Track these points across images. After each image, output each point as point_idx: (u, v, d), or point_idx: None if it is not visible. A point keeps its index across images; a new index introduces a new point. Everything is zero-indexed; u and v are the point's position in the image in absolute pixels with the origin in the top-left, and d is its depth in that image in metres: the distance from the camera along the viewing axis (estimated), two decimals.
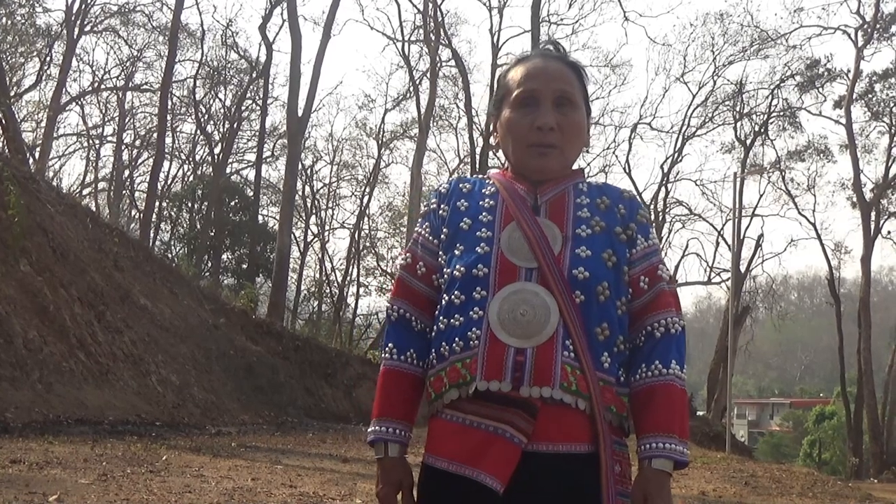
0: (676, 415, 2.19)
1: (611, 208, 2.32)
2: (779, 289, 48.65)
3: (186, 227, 39.81)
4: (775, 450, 61.29)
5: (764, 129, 42.03)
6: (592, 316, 2.19)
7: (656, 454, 2.14)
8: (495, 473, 2.11)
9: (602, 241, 2.26)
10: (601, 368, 2.18)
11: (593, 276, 2.20)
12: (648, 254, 2.30)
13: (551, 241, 2.24)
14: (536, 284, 2.20)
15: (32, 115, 43.21)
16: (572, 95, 2.35)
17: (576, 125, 2.34)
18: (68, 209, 19.98)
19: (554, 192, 2.34)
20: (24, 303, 14.80)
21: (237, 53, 43.23)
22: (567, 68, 2.41)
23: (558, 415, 2.14)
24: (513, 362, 2.15)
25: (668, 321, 2.26)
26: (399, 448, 2.33)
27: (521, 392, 2.14)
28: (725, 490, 12.74)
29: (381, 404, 2.37)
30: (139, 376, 17.00)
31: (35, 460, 9.00)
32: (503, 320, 2.18)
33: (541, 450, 2.13)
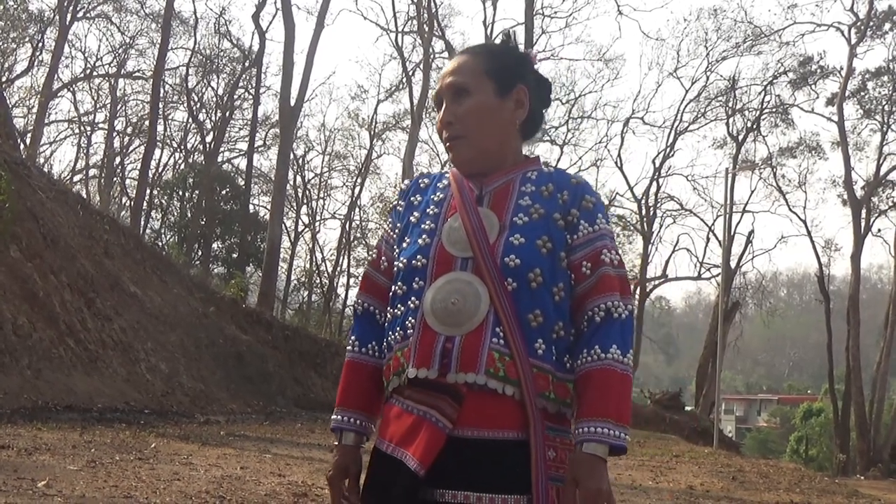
0: (612, 399, 2.16)
1: (553, 195, 2.31)
2: (768, 285, 48.76)
3: (177, 216, 39.73)
4: (762, 445, 61.37)
5: (756, 125, 42.07)
6: (525, 303, 2.20)
7: (587, 438, 2.12)
8: (418, 456, 2.15)
9: (538, 228, 2.25)
10: (535, 355, 2.19)
11: (524, 264, 2.20)
12: (592, 239, 2.27)
13: (489, 230, 2.26)
14: (470, 274, 2.23)
15: (24, 101, 43.00)
16: (464, 83, 2.36)
17: (472, 110, 2.34)
18: (59, 195, 19.92)
19: (500, 182, 2.36)
20: (14, 289, 14.76)
21: (230, 42, 43.18)
22: (467, 56, 2.44)
23: (486, 401, 2.16)
24: (441, 350, 2.20)
25: (609, 305, 2.22)
26: (354, 437, 2.41)
27: (448, 378, 2.18)
28: (713, 484, 12.78)
29: (341, 394, 2.45)
30: (128, 364, 16.99)
31: (24, 446, 8.99)
32: (435, 309, 2.23)
33: (468, 435, 2.16)
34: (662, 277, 48.18)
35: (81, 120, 46.97)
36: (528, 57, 2.47)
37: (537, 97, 2.45)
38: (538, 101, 2.46)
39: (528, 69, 2.45)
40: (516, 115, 2.39)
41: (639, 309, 45.84)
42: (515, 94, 2.38)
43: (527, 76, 2.43)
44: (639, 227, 46.46)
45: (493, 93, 2.36)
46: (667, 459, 16.43)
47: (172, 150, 47.47)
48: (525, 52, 2.48)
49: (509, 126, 2.38)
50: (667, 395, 33.40)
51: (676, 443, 22.90)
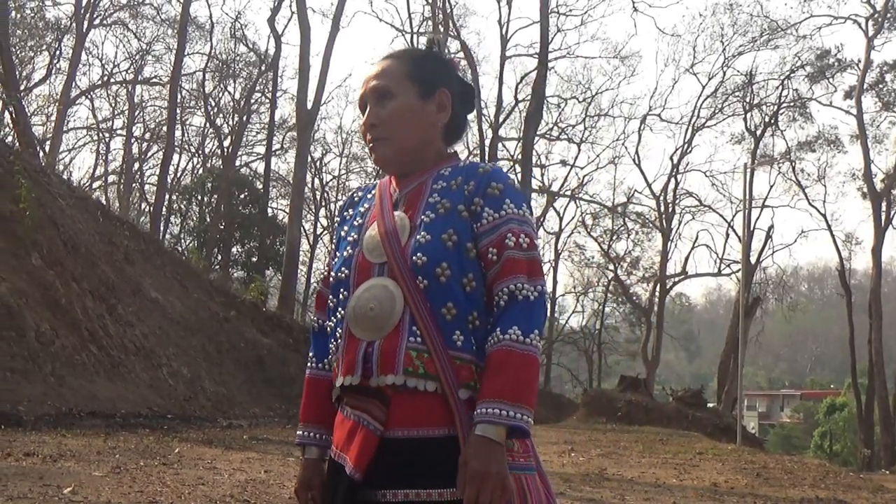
0: (508, 379, 2.14)
1: (461, 187, 2.33)
2: (789, 280, 48.61)
3: (196, 220, 39.83)
4: (786, 441, 61.18)
5: (774, 119, 41.95)
6: (437, 298, 2.22)
7: (479, 419, 2.12)
8: (353, 460, 2.21)
9: (443, 223, 2.27)
10: (454, 347, 2.20)
11: (431, 260, 2.23)
12: (498, 225, 2.27)
13: (401, 232, 2.30)
14: (386, 278, 2.28)
15: (42, 109, 43.32)
16: (387, 86, 2.40)
17: (394, 112, 2.38)
18: (79, 202, 20.01)
19: (414, 183, 2.41)
20: (36, 296, 14.83)
21: (246, 46, 43.28)
22: (391, 61, 2.48)
23: (411, 400, 2.20)
24: (363, 355, 2.25)
25: (512, 287, 2.22)
26: (316, 450, 2.47)
27: (371, 382, 2.23)
28: (737, 481, 12.73)
29: (302, 410, 2.54)
30: (150, 369, 17.04)
31: (48, 453, 9.03)
32: (357, 316, 2.28)
33: (397, 436, 2.19)
34: (682, 274, 48.09)
35: (100, 127, 47.24)
36: (450, 62, 2.52)
37: (460, 101, 2.48)
38: (461, 105, 2.49)
39: (451, 74, 2.49)
40: (438, 118, 2.43)
41: (659, 306, 45.78)
42: (438, 97, 2.43)
43: (449, 81, 2.46)
44: (658, 225, 46.38)
45: (415, 95, 2.40)
46: (690, 457, 16.37)
47: (190, 155, 47.69)
48: (448, 59, 2.53)
49: (431, 128, 2.42)
50: (689, 393, 33.22)
51: (699, 440, 22.80)
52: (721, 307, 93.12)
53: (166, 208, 37.83)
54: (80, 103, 45.01)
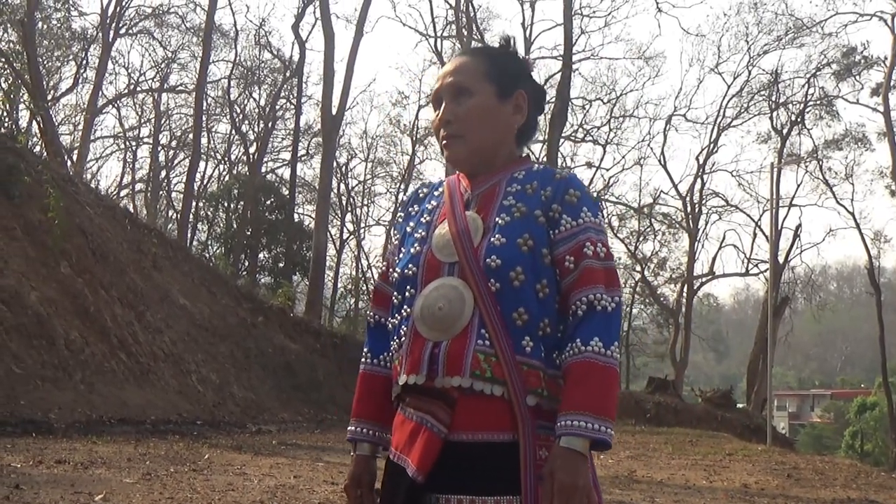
0: (592, 392, 2.13)
1: (537, 191, 2.31)
2: (818, 279, 48.32)
3: (223, 227, 39.98)
4: (817, 441, 60.78)
5: (800, 118, 41.66)
6: (509, 302, 2.20)
7: (565, 432, 2.10)
8: (415, 462, 2.19)
9: (519, 227, 2.26)
10: (523, 352, 2.19)
11: (505, 263, 2.21)
12: (575, 233, 2.26)
13: (473, 233, 2.28)
14: (456, 278, 2.26)
15: (70, 119, 43.64)
16: (464, 83, 2.39)
17: (471, 110, 2.37)
18: (107, 211, 20.14)
19: (487, 184, 2.39)
20: (66, 304, 14.94)
21: (270, 53, 43.37)
22: (468, 58, 2.47)
23: (477, 404, 2.18)
24: (429, 355, 2.22)
25: (591, 297, 2.20)
26: (368, 447, 2.46)
27: (436, 383, 2.21)
28: (768, 482, 12.66)
29: (355, 406, 2.50)
30: (179, 375, 17.13)
31: (80, 460, 9.09)
32: (424, 316, 2.26)
33: (463, 439, 2.17)
34: (710, 274, 47.85)
35: (126, 135, 47.51)
36: (526, 62, 2.49)
37: (534, 103, 2.47)
38: (534, 107, 2.48)
39: (527, 76, 2.47)
40: (514, 120, 2.41)
41: (686, 307, 45.59)
42: (515, 98, 2.41)
43: (525, 82, 2.45)
44: (684, 225, 46.20)
45: (493, 95, 2.38)
46: (720, 458, 16.29)
47: (217, 162, 47.84)
48: (524, 58, 2.49)
49: (507, 130, 2.41)
50: (718, 393, 33.07)
51: (729, 441, 22.69)
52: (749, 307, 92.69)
53: (193, 215, 37.98)
54: (107, 112, 45.38)
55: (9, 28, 30.82)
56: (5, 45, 30.29)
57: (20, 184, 15.73)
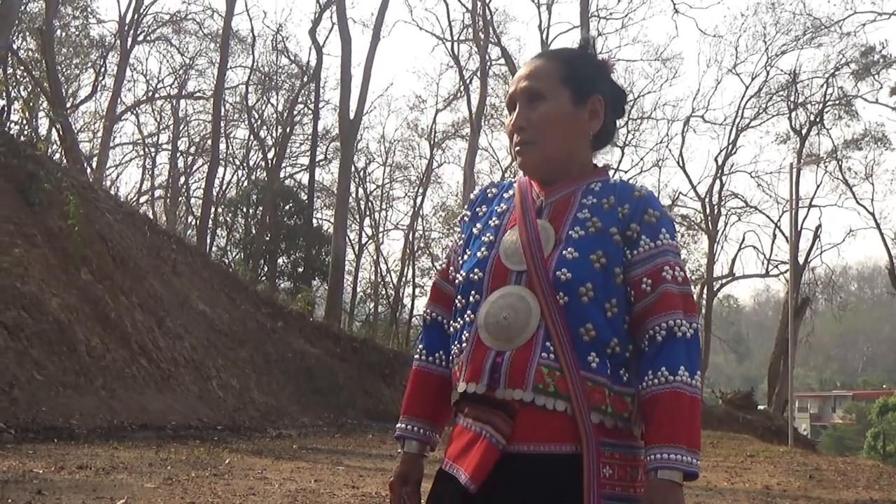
0: (683, 424, 2.10)
1: (614, 208, 2.26)
2: (838, 280, 48.10)
3: (242, 233, 40.10)
4: (838, 443, 60.45)
5: (819, 118, 41.52)
6: (576, 317, 2.15)
7: (662, 465, 2.07)
8: (470, 472, 2.15)
9: (593, 243, 2.20)
10: (588, 369, 2.14)
11: (576, 278, 2.16)
12: (653, 255, 2.20)
13: (544, 243, 2.23)
14: (523, 288, 2.20)
15: (89, 126, 43.86)
16: (539, 89, 2.31)
17: (544, 117, 2.30)
18: (126, 217, 20.22)
19: (562, 193, 2.32)
20: (86, 311, 15.00)
21: (288, 58, 43.53)
22: (544, 61, 2.39)
23: (538, 416, 2.13)
24: (491, 365, 2.18)
25: (671, 323, 2.15)
26: (417, 445, 2.42)
27: (497, 394, 2.16)
28: (790, 484, 12.61)
29: (406, 403, 2.46)
30: (200, 381, 17.18)
31: (101, 465, 9.12)
32: (488, 324, 2.21)
33: (522, 450, 2.13)
34: (730, 276, 47.74)
35: (145, 142, 47.71)
36: (604, 64, 2.41)
37: (611, 107, 2.39)
38: (612, 110, 2.40)
39: (605, 77, 2.39)
40: (590, 126, 2.34)
41: (707, 308, 45.45)
42: (591, 103, 2.33)
43: (603, 86, 2.37)
44: (703, 227, 46.09)
45: (568, 101, 2.31)
46: (741, 459, 16.25)
47: (235, 168, 48.02)
48: (602, 60, 2.42)
49: (582, 136, 2.34)
50: (739, 395, 33.06)
51: (750, 442, 22.62)
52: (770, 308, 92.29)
53: (212, 221, 38.11)
54: (126, 119, 45.57)
55: (28, 36, 31.04)
56: (24, 54, 30.49)
57: (40, 191, 15.80)
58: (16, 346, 12.67)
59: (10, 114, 19.77)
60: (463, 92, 40.76)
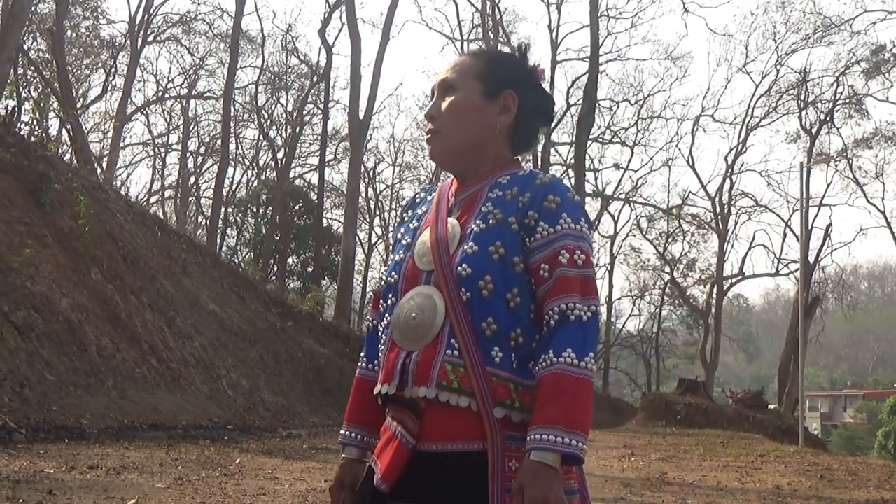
0: (563, 405, 2.05)
1: (515, 198, 2.25)
2: (849, 279, 48.01)
3: (252, 232, 40.18)
4: (849, 442, 60.32)
5: (830, 117, 41.44)
6: (479, 311, 2.15)
7: (535, 446, 2.03)
8: (381, 472, 2.19)
9: (492, 235, 2.20)
10: (492, 364, 2.14)
11: (475, 272, 2.16)
12: (552, 240, 2.18)
13: (451, 241, 2.24)
14: (431, 287, 2.22)
15: (99, 126, 43.97)
16: (451, 80, 2.37)
17: (452, 106, 2.34)
18: (137, 217, 20.27)
19: (471, 189, 2.34)
20: (97, 311, 15.03)
21: (297, 58, 43.62)
22: (466, 57, 2.44)
23: (445, 414, 2.14)
24: (402, 365, 2.20)
25: (563, 307, 2.13)
26: (356, 451, 2.44)
27: (406, 393, 2.19)
28: (801, 483, 12.59)
29: (348, 410, 2.49)
30: (210, 381, 17.20)
31: (112, 465, 9.13)
32: (399, 325, 2.24)
33: (431, 449, 2.14)
34: (739, 275, 47.67)
35: (155, 142, 47.89)
36: (533, 71, 2.43)
37: (533, 110, 2.40)
38: (534, 115, 2.41)
39: (527, 80, 2.40)
40: (499, 120, 2.35)
41: (716, 308, 45.40)
42: (503, 98, 2.35)
43: (522, 86, 2.39)
44: (713, 226, 46.04)
45: (479, 93, 2.34)
46: (752, 459, 16.22)
47: (245, 168, 48.15)
48: (532, 67, 2.44)
49: (489, 129, 2.35)
50: (749, 394, 32.96)
51: (761, 442, 22.58)
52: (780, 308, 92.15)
53: (222, 221, 38.23)
54: (136, 119, 45.74)
55: (38, 37, 31.08)
56: (35, 54, 30.54)
57: (51, 191, 15.84)
58: (26, 346, 12.69)
59: (21, 114, 19.85)
60: None
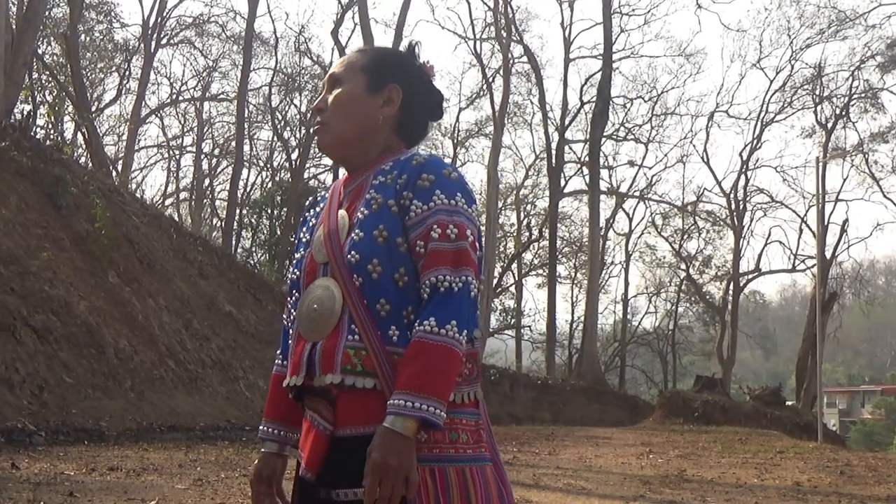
0: (416, 370, 2.09)
1: (395, 181, 2.31)
2: (866, 274, 47.80)
3: (267, 234, 40.17)
4: (868, 438, 60.09)
5: (845, 111, 41.26)
6: (372, 294, 2.21)
7: (387, 411, 2.07)
8: (305, 461, 2.25)
9: (375, 219, 2.26)
10: (391, 343, 2.18)
11: (363, 257, 2.22)
12: (425, 217, 2.23)
13: (341, 231, 2.30)
14: (328, 278, 2.28)
15: (114, 129, 44.16)
16: (338, 75, 2.45)
17: (337, 99, 2.42)
18: (152, 220, 20.33)
19: (358, 180, 2.41)
20: (114, 313, 15.09)
21: (310, 59, 43.57)
22: (355, 53, 2.53)
23: (355, 398, 2.18)
24: (308, 356, 2.26)
25: (433, 280, 2.18)
26: (275, 445, 2.49)
27: (315, 383, 2.23)
28: (820, 480, 12.53)
29: (266, 407, 2.55)
30: (227, 382, 17.25)
31: (132, 467, 9.17)
32: (301, 318, 2.31)
33: (346, 434, 2.19)
34: (756, 271, 47.51)
35: (170, 144, 47.98)
36: (421, 68, 2.50)
37: (421, 104, 2.48)
38: (423, 109, 2.50)
39: (416, 77, 2.48)
40: (382, 112, 2.41)
41: (733, 304, 45.28)
42: (387, 91, 2.42)
43: (408, 81, 2.46)
44: (729, 222, 45.91)
45: (362, 86, 2.41)
46: (770, 456, 16.16)
47: (259, 169, 48.15)
48: (421, 64, 2.51)
49: (372, 120, 2.41)
50: (766, 391, 32.81)
51: (779, 438, 22.50)
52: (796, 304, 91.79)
53: (237, 223, 38.24)
54: (151, 122, 45.86)
55: (52, 41, 31.21)
56: (50, 59, 30.67)
57: (67, 195, 15.91)
58: (45, 349, 12.75)
59: (37, 118, 19.93)
60: (486, 90, 40.74)
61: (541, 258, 48.14)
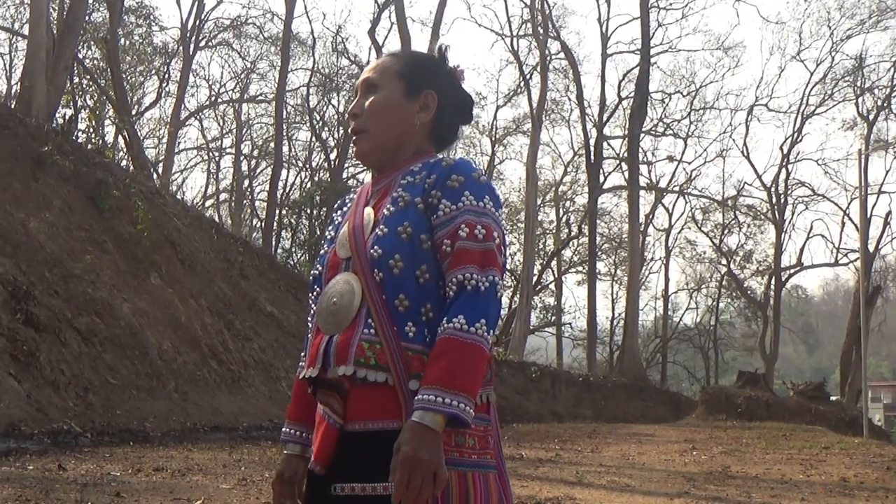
0: (446, 367, 2.10)
1: (423, 180, 2.34)
2: None
3: (307, 234, 40.26)
4: None
5: (887, 103, 40.86)
6: (391, 290, 2.23)
7: (416, 406, 2.07)
8: (314, 455, 2.26)
9: (400, 216, 2.29)
10: (406, 338, 2.20)
11: (385, 252, 2.24)
12: (454, 217, 2.26)
13: (366, 227, 2.33)
14: (350, 273, 2.31)
15: (154, 132, 44.52)
16: (373, 80, 2.47)
17: (374, 105, 2.44)
18: (193, 221, 20.46)
19: (386, 179, 2.43)
20: (157, 315, 15.20)
21: (348, 59, 43.69)
22: (387, 57, 2.54)
23: (366, 392, 2.19)
24: (324, 348, 2.28)
25: (460, 277, 2.19)
26: (298, 447, 2.48)
27: (328, 374, 2.26)
28: (867, 475, 12.42)
29: (289, 409, 2.55)
30: (269, 382, 17.33)
31: (177, 467, 9.24)
32: (321, 311, 2.34)
33: (356, 429, 2.19)
34: (798, 266, 47.14)
35: (209, 146, 48.30)
36: (452, 71, 2.52)
37: (453, 108, 2.51)
38: (454, 113, 2.52)
39: (448, 81, 2.51)
40: (419, 118, 2.44)
41: (775, 299, 44.95)
42: (423, 97, 2.45)
43: (441, 85, 2.48)
44: (770, 216, 45.57)
45: (400, 92, 2.44)
46: (816, 452, 16.03)
47: (298, 170, 48.33)
48: (452, 68, 2.53)
49: (409, 126, 2.44)
50: (810, 386, 32.56)
51: (824, 434, 22.31)
52: (839, 298, 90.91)
53: (277, 223, 38.39)
54: (190, 124, 46.17)
55: (93, 46, 31.48)
56: (90, 63, 30.94)
57: (109, 198, 16.05)
58: (90, 351, 12.87)
59: (78, 123, 20.10)
60: (523, 87, 40.71)
61: (580, 255, 48.04)
